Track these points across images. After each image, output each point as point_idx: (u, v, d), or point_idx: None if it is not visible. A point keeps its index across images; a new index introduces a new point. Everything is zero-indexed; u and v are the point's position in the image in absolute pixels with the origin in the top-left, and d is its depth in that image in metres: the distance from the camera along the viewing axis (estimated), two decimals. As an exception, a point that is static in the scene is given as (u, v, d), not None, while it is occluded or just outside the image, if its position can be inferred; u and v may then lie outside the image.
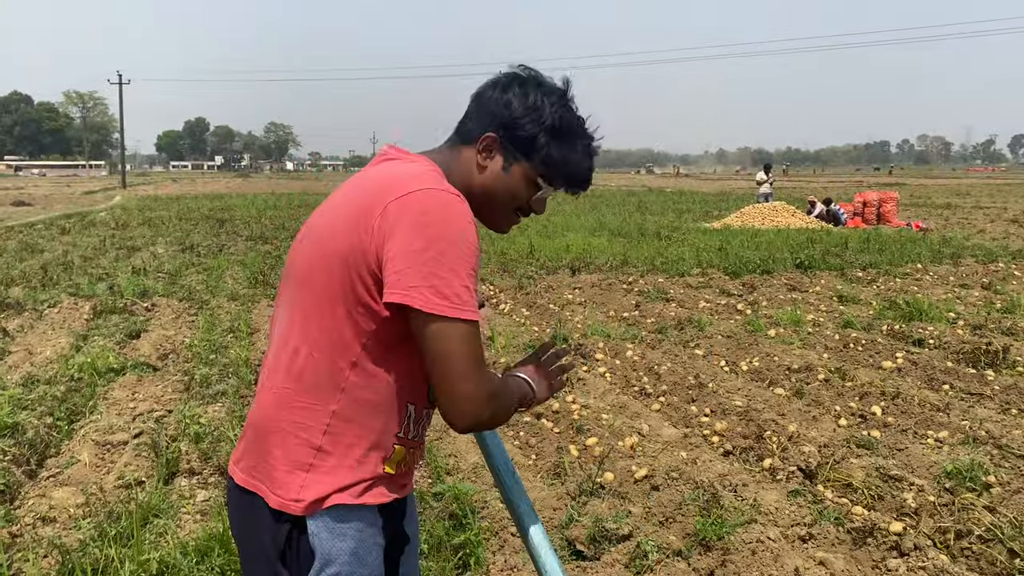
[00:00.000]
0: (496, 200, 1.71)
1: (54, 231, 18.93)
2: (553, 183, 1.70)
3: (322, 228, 1.65)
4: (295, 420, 1.59)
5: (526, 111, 1.66)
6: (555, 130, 1.66)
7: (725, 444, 5.00)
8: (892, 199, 22.43)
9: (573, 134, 1.69)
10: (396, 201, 1.51)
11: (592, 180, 1.78)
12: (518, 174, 1.69)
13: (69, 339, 7.47)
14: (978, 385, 6.10)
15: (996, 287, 10.67)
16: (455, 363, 1.46)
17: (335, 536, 1.57)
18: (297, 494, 1.57)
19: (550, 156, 1.67)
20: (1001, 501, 3.96)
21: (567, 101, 1.71)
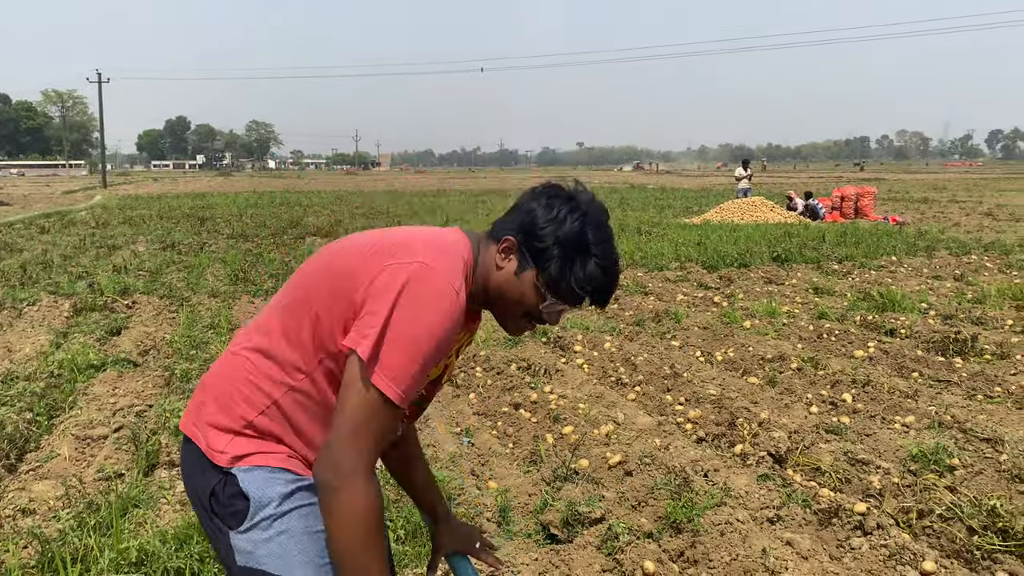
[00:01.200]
0: (505, 301, 1.76)
1: (33, 230, 18.82)
2: (557, 296, 1.72)
3: (343, 249, 1.76)
4: (241, 389, 1.68)
5: (546, 222, 1.71)
6: (567, 244, 1.70)
7: (698, 431, 5.10)
8: (870, 194, 22.67)
9: (586, 251, 1.71)
10: (397, 265, 1.60)
11: (608, 300, 1.79)
12: (528, 281, 1.72)
13: (49, 336, 7.48)
14: (946, 372, 6.23)
15: (968, 278, 10.84)
16: (347, 422, 1.52)
17: (267, 482, 1.62)
18: (224, 447, 1.65)
19: (557, 269, 1.70)
20: (962, 482, 4.08)
21: (591, 219, 1.73)
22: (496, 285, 1.75)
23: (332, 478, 1.49)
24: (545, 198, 1.75)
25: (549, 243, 1.70)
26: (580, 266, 1.70)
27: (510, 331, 1.83)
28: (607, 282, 1.75)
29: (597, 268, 1.72)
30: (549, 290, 1.72)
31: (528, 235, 1.72)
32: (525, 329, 1.82)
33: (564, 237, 1.70)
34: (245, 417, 1.66)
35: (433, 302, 1.57)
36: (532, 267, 1.71)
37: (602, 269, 1.73)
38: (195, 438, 1.70)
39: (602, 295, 1.76)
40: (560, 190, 1.77)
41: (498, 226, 1.79)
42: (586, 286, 1.71)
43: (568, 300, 1.73)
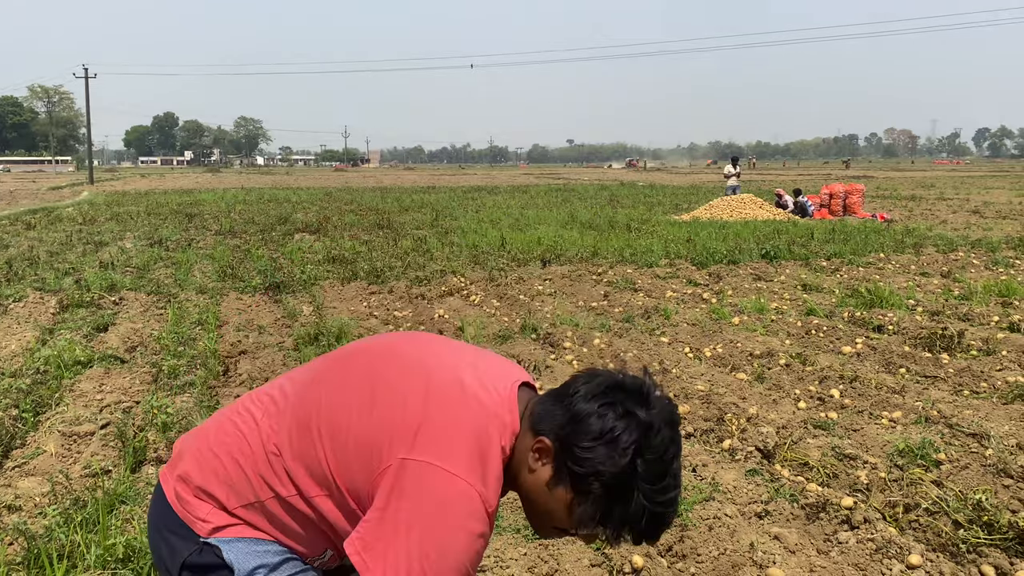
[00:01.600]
0: (535, 510, 1.52)
1: (19, 227, 18.69)
2: (592, 529, 1.47)
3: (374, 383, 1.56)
4: (229, 472, 1.56)
5: (594, 439, 1.41)
6: (610, 484, 1.41)
7: (687, 426, 5.11)
8: (858, 191, 22.76)
9: (633, 493, 1.40)
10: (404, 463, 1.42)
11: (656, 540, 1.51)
12: (561, 500, 1.45)
13: (35, 333, 7.43)
14: (933, 368, 6.26)
15: (955, 275, 10.90)
16: None
17: (252, 554, 1.54)
18: (205, 515, 1.55)
19: (594, 509, 1.43)
20: (948, 476, 4.11)
21: (652, 446, 1.41)
22: (526, 489, 1.51)
23: None
24: (600, 401, 1.43)
25: (588, 472, 1.41)
26: (623, 508, 1.41)
27: (539, 533, 1.60)
28: (656, 529, 1.46)
29: (647, 514, 1.41)
30: (583, 523, 1.45)
31: (566, 449, 1.43)
32: (556, 536, 1.57)
33: (608, 474, 1.39)
34: (227, 505, 1.55)
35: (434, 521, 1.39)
36: (568, 488, 1.43)
37: (653, 517, 1.42)
38: (171, 501, 1.59)
39: (649, 538, 1.48)
40: (622, 391, 1.44)
41: (538, 412, 1.51)
42: (629, 532, 1.45)
43: (610, 540, 1.47)
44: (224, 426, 1.62)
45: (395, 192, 37.66)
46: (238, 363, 6.66)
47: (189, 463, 1.61)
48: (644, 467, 1.39)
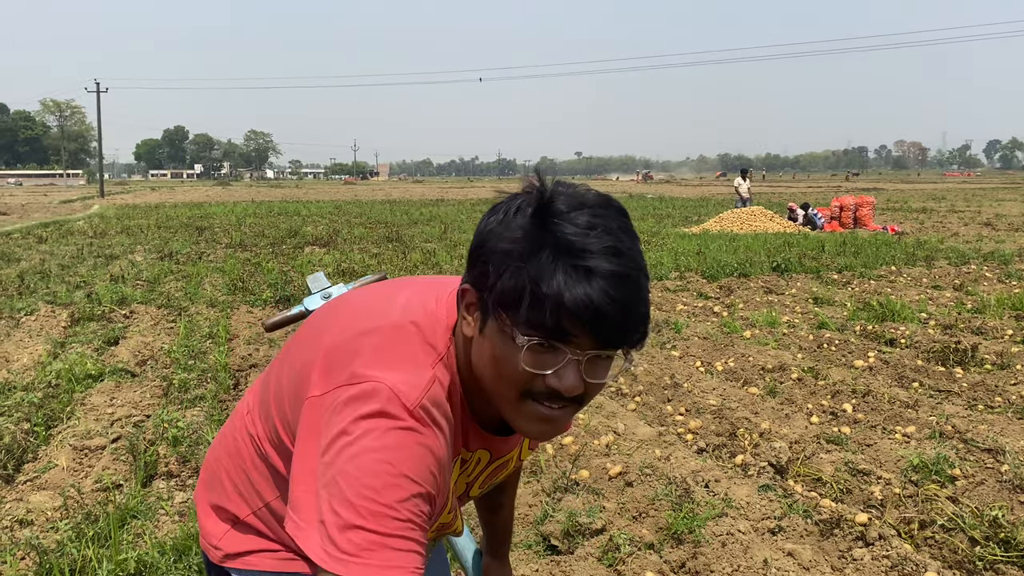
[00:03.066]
0: (488, 382, 1.18)
1: (31, 240, 18.81)
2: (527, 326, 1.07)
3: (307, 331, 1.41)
4: (234, 479, 1.49)
5: (488, 234, 1.15)
6: (512, 246, 1.10)
7: (699, 442, 5.08)
8: (869, 203, 22.71)
9: (539, 249, 1.07)
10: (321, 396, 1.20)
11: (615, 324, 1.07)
12: (492, 332, 1.12)
13: (46, 346, 7.46)
14: (947, 382, 6.22)
15: (968, 288, 10.85)
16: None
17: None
18: (218, 541, 1.51)
19: (505, 283, 1.09)
20: (964, 492, 4.07)
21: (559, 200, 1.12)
22: (473, 363, 1.20)
23: None
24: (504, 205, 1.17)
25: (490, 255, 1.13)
26: (539, 269, 1.07)
27: (524, 430, 1.19)
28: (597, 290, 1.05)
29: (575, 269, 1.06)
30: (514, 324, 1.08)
31: (473, 267, 1.16)
32: (539, 418, 1.15)
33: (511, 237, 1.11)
34: (236, 514, 1.49)
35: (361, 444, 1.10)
36: (491, 306, 1.11)
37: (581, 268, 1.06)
38: (198, 517, 1.56)
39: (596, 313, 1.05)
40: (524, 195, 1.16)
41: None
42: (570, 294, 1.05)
43: (543, 331, 1.07)
44: (224, 436, 1.56)
45: (404, 205, 37.76)
46: (249, 377, 6.66)
47: (201, 478, 1.60)
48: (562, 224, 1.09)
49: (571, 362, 1.09)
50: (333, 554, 1.05)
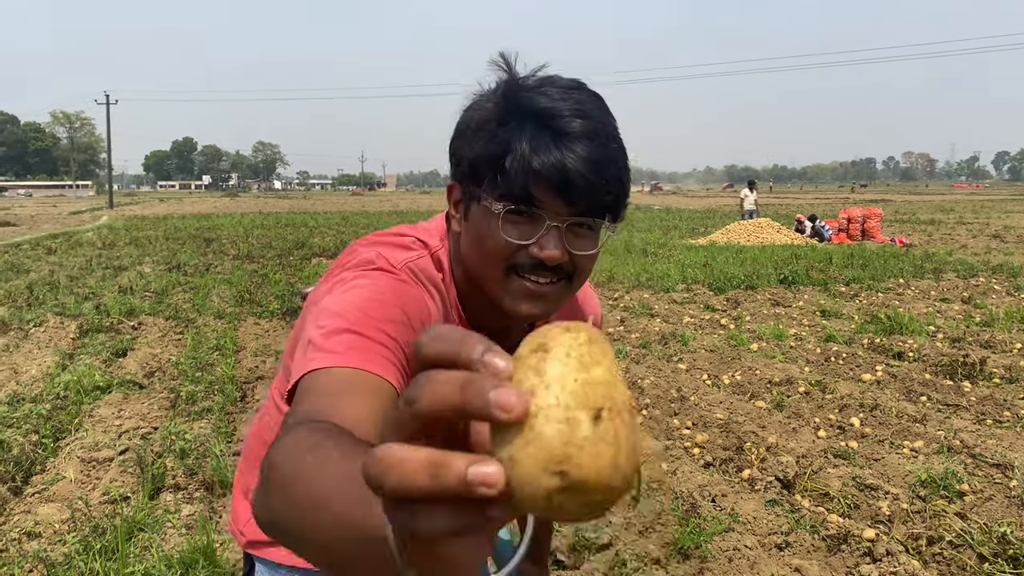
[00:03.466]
0: (475, 266, 1.17)
1: (40, 251, 18.90)
2: (495, 191, 1.08)
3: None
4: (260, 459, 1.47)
5: (460, 123, 1.18)
6: (481, 122, 1.12)
7: (705, 456, 5.07)
8: (876, 215, 22.66)
9: (507, 117, 1.09)
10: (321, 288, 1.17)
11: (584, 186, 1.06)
12: (475, 213, 1.13)
13: (55, 357, 7.48)
14: (955, 396, 6.19)
15: (976, 301, 10.81)
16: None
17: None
18: (243, 525, 1.50)
19: (478, 156, 1.11)
20: (972, 508, 4.05)
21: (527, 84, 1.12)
22: (463, 255, 1.19)
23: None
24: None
25: (464, 141, 1.14)
26: (506, 134, 1.08)
27: (513, 310, 1.14)
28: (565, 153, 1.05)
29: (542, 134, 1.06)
30: (488, 195, 1.09)
31: (452, 156, 1.18)
32: (526, 293, 1.12)
33: (481, 113, 1.13)
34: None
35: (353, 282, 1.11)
36: (472, 189, 1.13)
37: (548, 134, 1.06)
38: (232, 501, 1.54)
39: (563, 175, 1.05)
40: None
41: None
42: (539, 160, 1.05)
43: (516, 197, 1.07)
44: (260, 410, 1.54)
45: (411, 216, 37.84)
46: (256, 389, 6.68)
47: (239, 462, 1.56)
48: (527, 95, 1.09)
49: (551, 229, 1.08)
50: (318, 356, 0.98)
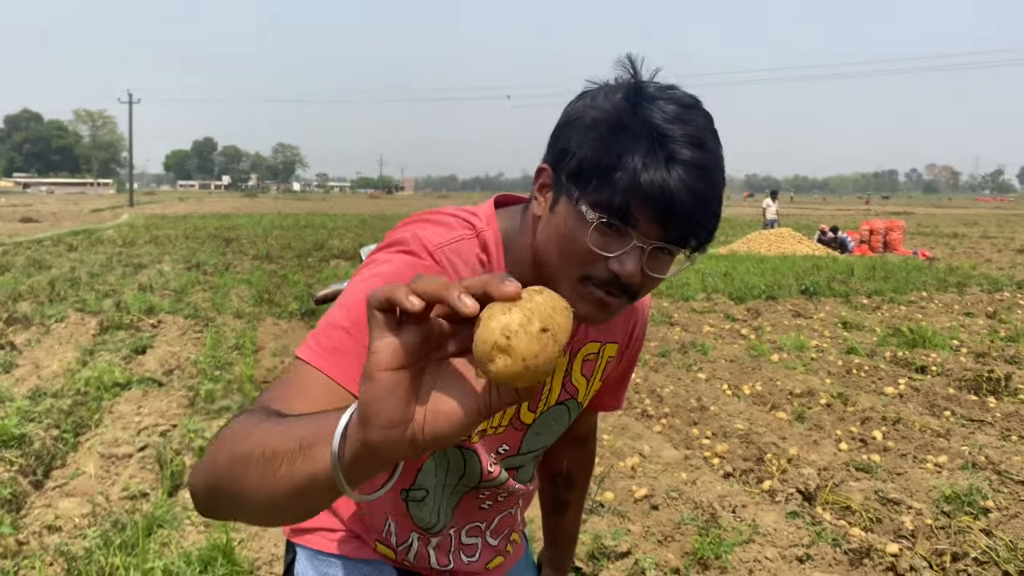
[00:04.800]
0: (551, 259, 1.14)
1: (61, 248, 19.05)
2: (597, 206, 1.06)
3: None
4: None
5: (573, 112, 1.14)
6: (596, 122, 1.09)
7: (725, 466, 5.02)
8: (899, 227, 22.50)
9: (624, 127, 1.06)
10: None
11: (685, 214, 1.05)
12: (563, 209, 1.11)
13: (76, 353, 7.53)
14: (979, 412, 6.12)
15: (1001, 316, 10.69)
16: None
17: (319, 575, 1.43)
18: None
19: (584, 157, 1.08)
20: (998, 525, 3.99)
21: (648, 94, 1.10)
22: (537, 241, 1.16)
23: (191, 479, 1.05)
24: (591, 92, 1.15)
25: (570, 133, 1.12)
26: (613, 146, 1.06)
27: (579, 310, 1.12)
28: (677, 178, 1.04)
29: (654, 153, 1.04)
30: (586, 203, 1.07)
31: (552, 146, 1.15)
32: (594, 302, 1.12)
33: (592, 116, 1.10)
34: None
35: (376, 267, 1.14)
36: (565, 185, 1.10)
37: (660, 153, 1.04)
38: None
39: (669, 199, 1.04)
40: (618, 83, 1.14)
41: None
42: (645, 178, 1.03)
43: (613, 210, 1.05)
44: None
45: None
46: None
47: None
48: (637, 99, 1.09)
49: (635, 249, 1.07)
50: (311, 344, 1.08)
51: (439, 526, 1.40)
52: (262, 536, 3.96)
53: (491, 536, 1.51)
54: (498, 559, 1.54)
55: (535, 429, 1.40)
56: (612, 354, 1.44)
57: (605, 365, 1.44)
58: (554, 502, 1.78)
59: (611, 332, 1.41)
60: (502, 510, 1.50)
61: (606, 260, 1.08)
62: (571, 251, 1.10)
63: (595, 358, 1.41)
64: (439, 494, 1.37)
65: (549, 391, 1.36)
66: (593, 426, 1.73)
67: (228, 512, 0.92)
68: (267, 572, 3.58)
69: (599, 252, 1.08)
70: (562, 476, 1.73)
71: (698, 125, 1.08)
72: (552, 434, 1.44)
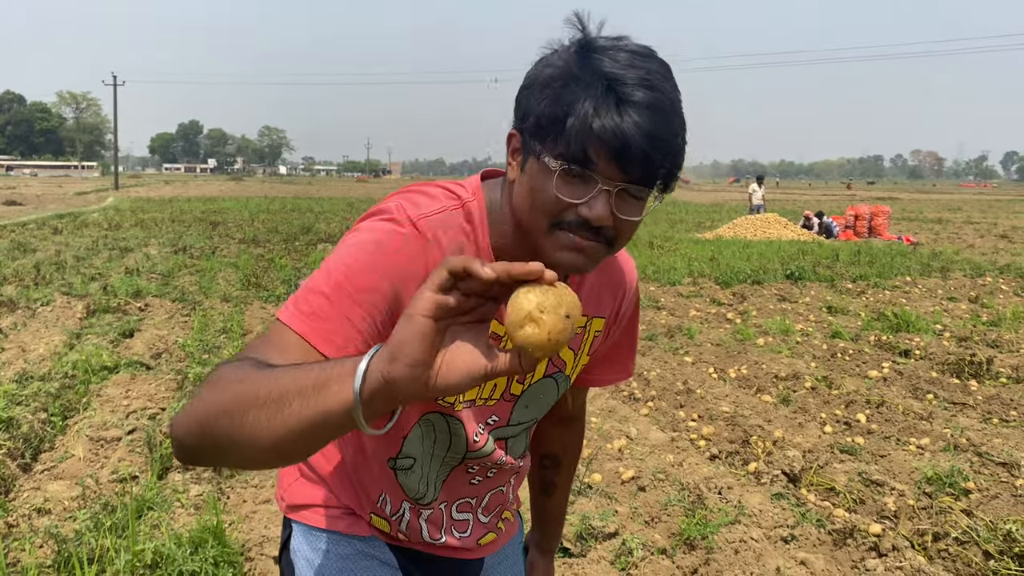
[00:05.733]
0: (524, 218, 1.18)
1: (46, 231, 18.91)
2: (554, 149, 1.10)
3: None
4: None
5: (530, 75, 1.18)
6: (551, 79, 1.13)
7: (711, 448, 5.08)
8: (884, 213, 22.61)
9: (575, 78, 1.10)
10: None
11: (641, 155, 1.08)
12: (532, 166, 1.15)
13: (63, 337, 7.50)
14: (961, 395, 6.20)
15: (983, 300, 10.80)
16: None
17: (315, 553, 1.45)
18: (284, 490, 1.51)
19: (542, 112, 1.12)
20: (978, 505, 4.06)
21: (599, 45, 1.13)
22: (514, 203, 1.21)
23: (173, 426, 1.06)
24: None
25: (526, 89, 1.17)
26: (568, 96, 1.10)
27: (555, 259, 1.15)
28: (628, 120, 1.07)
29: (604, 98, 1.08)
30: (547, 152, 1.11)
31: (518, 111, 1.19)
32: (570, 247, 1.14)
33: (546, 73, 1.14)
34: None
35: (360, 235, 1.18)
36: (532, 143, 1.14)
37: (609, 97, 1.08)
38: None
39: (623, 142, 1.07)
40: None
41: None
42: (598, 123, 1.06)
43: (573, 157, 1.09)
44: None
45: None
46: (263, 372, 6.70)
47: None
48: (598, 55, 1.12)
49: (601, 192, 1.11)
50: (291, 307, 1.12)
51: (428, 497, 1.43)
52: (252, 518, 3.98)
53: (482, 513, 1.54)
54: (489, 535, 1.56)
55: (523, 401, 1.43)
56: (599, 328, 1.47)
57: (592, 339, 1.47)
58: (542, 483, 1.80)
59: (599, 306, 1.44)
60: (492, 487, 1.52)
61: (575, 207, 1.12)
62: (541, 203, 1.13)
63: (582, 331, 1.44)
64: (427, 464, 1.40)
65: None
66: (582, 406, 1.76)
67: (213, 456, 0.99)
68: (258, 554, 3.61)
69: (567, 200, 1.11)
70: (550, 457, 1.76)
71: (650, 69, 1.11)
72: (541, 406, 1.47)
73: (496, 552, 1.61)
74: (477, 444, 1.39)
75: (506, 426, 1.44)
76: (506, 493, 1.57)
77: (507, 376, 1.04)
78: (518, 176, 1.19)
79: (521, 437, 1.50)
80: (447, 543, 1.48)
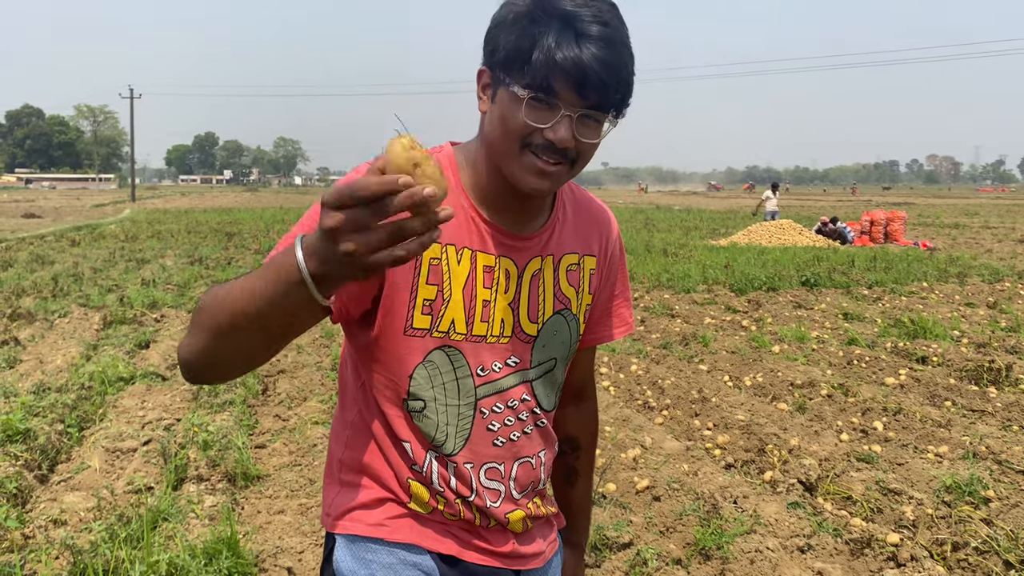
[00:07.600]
0: (495, 143, 1.33)
1: (64, 243, 19.09)
2: (522, 80, 1.24)
3: None
4: (333, 429, 1.55)
5: (497, 16, 1.33)
6: (517, 17, 1.27)
7: (727, 457, 5.05)
8: (899, 218, 22.46)
9: (538, 16, 1.25)
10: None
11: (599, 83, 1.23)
12: (502, 97, 1.29)
13: (79, 348, 7.56)
14: (980, 402, 6.14)
15: (1002, 306, 10.69)
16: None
17: (358, 563, 1.45)
18: (328, 505, 1.51)
19: (508, 47, 1.26)
20: (998, 514, 4.01)
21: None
22: (485, 134, 1.36)
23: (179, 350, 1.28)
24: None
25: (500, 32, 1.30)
26: (531, 27, 1.25)
27: (523, 181, 1.30)
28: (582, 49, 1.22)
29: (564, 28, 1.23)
30: (514, 81, 1.25)
31: (486, 48, 1.33)
32: (536, 171, 1.29)
33: (517, 9, 1.28)
34: (336, 453, 1.52)
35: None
36: (500, 76, 1.29)
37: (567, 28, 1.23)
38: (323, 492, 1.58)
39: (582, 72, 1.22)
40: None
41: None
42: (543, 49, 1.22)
43: (539, 86, 1.23)
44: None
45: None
46: (276, 382, 6.72)
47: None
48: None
49: (564, 117, 1.26)
50: (279, 246, 1.26)
51: (448, 447, 1.44)
52: (266, 529, 3.99)
53: (516, 488, 1.52)
54: (518, 512, 1.52)
55: (540, 341, 1.50)
56: (592, 267, 1.57)
57: (588, 277, 1.56)
58: (564, 471, 1.78)
59: (587, 244, 1.56)
60: (519, 454, 1.51)
61: (541, 131, 1.27)
62: (511, 128, 1.28)
63: (577, 268, 1.54)
64: (441, 410, 1.43)
65: (543, 301, 1.49)
66: (590, 374, 1.77)
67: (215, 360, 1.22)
68: (272, 565, 3.61)
69: (534, 125, 1.26)
70: (568, 441, 1.75)
71: (601, 8, 1.27)
72: (557, 345, 1.53)
73: (538, 568, 1.59)
74: (486, 376, 1.44)
75: (530, 368, 1.50)
76: (536, 471, 1.54)
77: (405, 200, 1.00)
78: (489, 107, 1.33)
79: (546, 382, 1.54)
80: (479, 505, 1.47)
